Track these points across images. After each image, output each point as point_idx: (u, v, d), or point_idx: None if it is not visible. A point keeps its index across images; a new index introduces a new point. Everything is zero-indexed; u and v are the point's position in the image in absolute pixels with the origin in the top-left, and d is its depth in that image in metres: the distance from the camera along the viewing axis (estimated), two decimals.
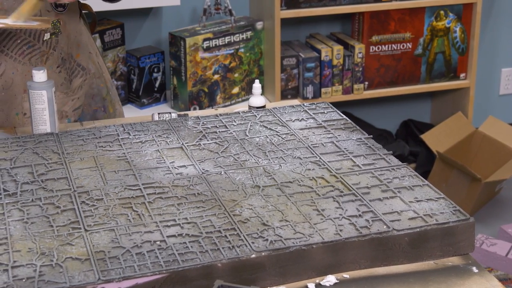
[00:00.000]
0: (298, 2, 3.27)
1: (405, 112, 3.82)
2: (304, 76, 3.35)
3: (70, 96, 1.85)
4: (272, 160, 1.50)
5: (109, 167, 1.47)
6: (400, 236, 1.24)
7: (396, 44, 3.47)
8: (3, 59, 1.75)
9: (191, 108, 3.19)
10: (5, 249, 1.20)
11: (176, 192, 1.37)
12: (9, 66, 1.76)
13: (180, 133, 1.62)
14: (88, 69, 1.90)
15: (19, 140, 1.59)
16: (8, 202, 1.34)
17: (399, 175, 1.43)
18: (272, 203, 1.33)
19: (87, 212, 1.31)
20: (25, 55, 1.76)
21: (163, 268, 1.15)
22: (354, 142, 1.57)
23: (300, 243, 1.21)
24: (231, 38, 3.24)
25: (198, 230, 1.25)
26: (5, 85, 1.77)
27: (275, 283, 1.20)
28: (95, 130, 1.63)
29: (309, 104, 1.76)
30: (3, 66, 1.76)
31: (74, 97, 1.86)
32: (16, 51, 1.75)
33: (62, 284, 1.11)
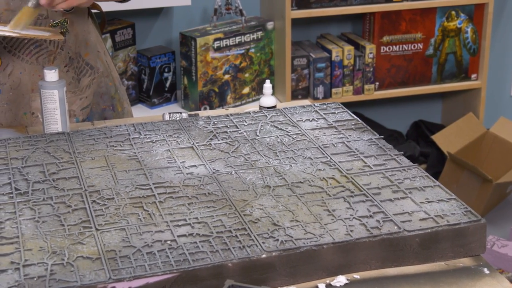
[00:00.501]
0: (309, 2, 3.26)
1: (416, 112, 3.82)
2: (314, 76, 3.35)
3: (78, 95, 1.85)
4: (283, 160, 1.49)
5: (120, 166, 1.47)
6: (411, 237, 1.24)
7: (407, 45, 3.46)
8: (11, 59, 1.76)
9: (202, 108, 3.19)
10: (17, 248, 1.20)
11: (186, 192, 1.37)
12: (16, 66, 1.76)
13: (191, 133, 1.62)
14: (97, 68, 1.90)
15: (30, 139, 1.59)
16: (19, 201, 1.34)
17: (410, 175, 1.43)
18: (283, 203, 1.33)
19: (98, 211, 1.31)
20: (32, 55, 1.77)
21: (173, 267, 1.15)
22: (365, 143, 1.57)
23: (311, 243, 1.21)
24: (242, 38, 3.24)
25: (209, 229, 1.25)
26: (13, 85, 1.78)
27: (285, 283, 1.20)
28: (106, 130, 1.63)
29: (319, 104, 1.76)
30: (11, 66, 1.76)
31: (82, 96, 1.86)
32: (24, 51, 1.76)
33: (73, 283, 1.12)
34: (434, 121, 3.84)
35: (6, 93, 1.78)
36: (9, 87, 1.78)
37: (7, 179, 1.42)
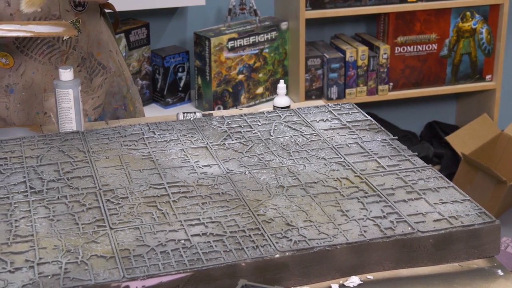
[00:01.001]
0: (323, 2, 3.26)
1: (430, 113, 3.80)
2: (328, 76, 3.35)
3: (90, 94, 1.86)
4: (297, 160, 1.49)
5: (134, 165, 1.48)
6: (425, 238, 1.24)
7: (422, 45, 3.45)
8: (23, 59, 1.76)
9: (215, 108, 3.20)
10: (31, 246, 1.21)
11: (200, 192, 1.37)
12: (29, 66, 1.77)
13: (205, 132, 1.62)
14: (109, 68, 1.91)
15: (45, 138, 1.60)
16: (34, 199, 1.35)
17: (424, 176, 1.43)
18: (296, 203, 1.33)
19: (112, 210, 1.31)
20: (45, 55, 1.77)
21: (187, 266, 1.15)
22: (378, 143, 1.57)
23: (324, 244, 1.21)
24: (256, 38, 3.24)
25: (222, 229, 1.25)
26: (25, 85, 1.78)
27: (298, 283, 1.20)
28: (120, 129, 1.64)
29: (333, 105, 1.75)
30: (23, 66, 1.77)
31: (94, 95, 1.86)
32: (36, 51, 1.76)
33: (87, 281, 1.12)
34: (448, 122, 3.82)
35: (18, 93, 1.79)
36: (21, 87, 1.78)
37: (22, 177, 1.43)
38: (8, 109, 1.80)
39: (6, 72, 1.77)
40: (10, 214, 1.30)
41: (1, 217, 1.29)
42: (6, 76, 1.77)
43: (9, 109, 1.80)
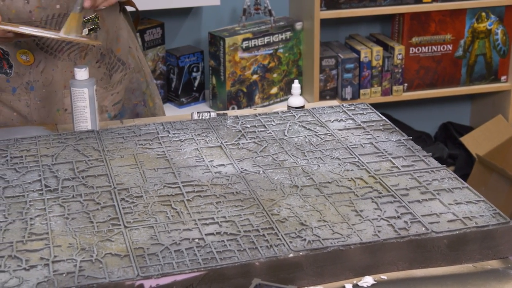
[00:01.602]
0: (338, 2, 3.26)
1: (445, 114, 3.79)
2: (343, 77, 3.35)
3: (109, 90, 1.86)
4: (311, 160, 1.50)
5: (149, 165, 1.48)
6: (439, 239, 1.23)
7: (437, 46, 3.44)
8: (43, 56, 1.77)
9: (230, 108, 3.20)
10: (46, 244, 1.21)
11: (214, 191, 1.38)
12: (49, 63, 1.78)
13: (219, 132, 1.63)
14: (128, 64, 1.92)
15: (60, 137, 1.61)
16: (49, 197, 1.36)
17: (439, 177, 1.42)
18: (310, 203, 1.33)
19: (126, 209, 1.32)
20: (64, 52, 1.78)
21: (201, 265, 1.16)
22: (393, 144, 1.56)
23: (338, 244, 1.21)
24: (270, 38, 3.24)
25: (236, 228, 1.25)
26: (45, 82, 1.79)
27: (312, 283, 1.20)
28: (135, 128, 1.64)
29: (348, 105, 1.75)
30: (43, 63, 1.78)
31: (113, 91, 1.87)
32: (56, 48, 1.77)
33: (101, 279, 1.12)
34: (463, 123, 3.81)
35: (39, 90, 1.80)
36: (41, 84, 1.79)
37: (37, 176, 1.44)
38: (28, 107, 1.81)
39: (26, 69, 1.78)
40: (25, 212, 1.31)
41: (16, 215, 1.30)
42: (27, 73, 1.78)
43: (30, 106, 1.81)
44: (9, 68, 1.78)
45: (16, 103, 1.81)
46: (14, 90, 1.80)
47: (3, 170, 1.46)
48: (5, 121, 1.83)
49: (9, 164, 1.49)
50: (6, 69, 1.79)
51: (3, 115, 1.82)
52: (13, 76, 1.79)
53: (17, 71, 1.78)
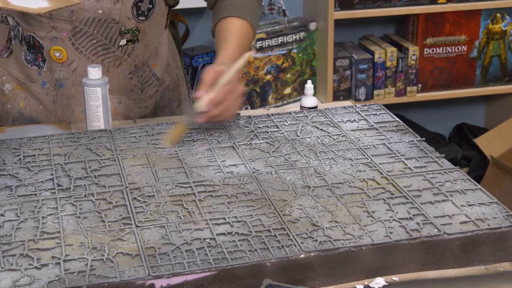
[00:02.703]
0: (352, 3, 3.25)
1: (459, 115, 3.78)
2: (356, 77, 3.34)
3: (138, 103, 1.86)
4: (323, 161, 1.49)
5: (161, 164, 1.48)
6: (451, 240, 1.23)
7: (451, 47, 3.43)
8: (77, 56, 1.78)
9: (243, 108, 3.20)
10: (58, 243, 1.21)
11: (226, 191, 1.38)
12: (81, 63, 1.78)
13: (232, 132, 1.62)
14: (163, 80, 1.91)
15: (73, 136, 1.61)
16: (61, 196, 1.36)
17: (451, 178, 1.42)
18: (322, 203, 1.33)
19: (138, 208, 1.32)
20: (98, 55, 1.78)
21: (212, 265, 1.15)
22: (406, 145, 1.56)
23: (350, 245, 1.20)
24: (284, 38, 3.24)
25: (248, 228, 1.25)
26: (75, 82, 1.80)
27: (323, 283, 1.20)
28: (147, 128, 1.65)
29: (361, 106, 1.75)
30: (76, 63, 1.78)
31: (142, 105, 1.87)
32: (91, 51, 1.78)
33: (112, 278, 1.13)
34: (477, 124, 3.80)
35: (67, 88, 1.80)
36: (71, 83, 1.80)
37: (50, 175, 1.44)
38: (54, 102, 1.82)
39: (58, 67, 1.79)
40: (37, 211, 1.31)
41: (28, 213, 1.31)
42: (57, 70, 1.79)
43: (56, 102, 1.82)
44: (43, 62, 1.79)
45: (44, 97, 1.82)
46: (44, 83, 1.81)
47: (16, 168, 1.47)
48: (31, 112, 1.84)
49: (22, 162, 1.49)
50: (40, 62, 1.80)
51: (30, 105, 1.84)
52: (45, 70, 1.80)
53: (49, 66, 1.79)
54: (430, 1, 3.31)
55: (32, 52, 1.80)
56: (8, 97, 1.86)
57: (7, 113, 1.86)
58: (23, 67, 1.82)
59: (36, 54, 1.79)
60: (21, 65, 1.83)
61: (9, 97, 1.86)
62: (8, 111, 1.86)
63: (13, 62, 1.84)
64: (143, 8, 1.76)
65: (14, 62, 1.84)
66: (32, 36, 1.78)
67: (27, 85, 1.83)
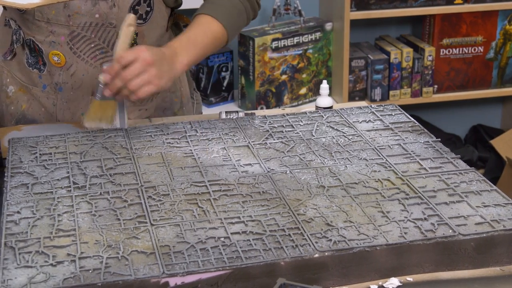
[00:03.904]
0: (368, 3, 3.25)
1: (475, 116, 3.76)
2: (372, 78, 3.33)
3: (137, 106, 1.85)
4: (338, 161, 1.49)
5: (176, 163, 1.49)
6: (466, 241, 1.23)
7: (468, 48, 3.42)
8: (75, 60, 1.78)
9: (258, 108, 3.20)
10: (73, 241, 1.22)
11: (241, 190, 1.38)
12: (80, 67, 1.79)
13: (247, 131, 1.63)
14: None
15: (89, 135, 1.62)
16: (77, 194, 1.37)
17: (467, 179, 1.41)
18: (337, 203, 1.33)
19: (153, 206, 1.32)
20: (97, 59, 1.78)
21: (226, 264, 1.16)
22: (421, 145, 1.55)
23: (364, 245, 1.20)
24: (300, 38, 3.24)
25: (262, 228, 1.25)
26: (74, 85, 1.80)
27: (337, 283, 1.20)
28: (163, 127, 1.65)
29: (376, 106, 1.75)
30: (74, 67, 1.79)
31: (142, 107, 1.86)
32: (89, 55, 1.78)
33: (127, 276, 1.13)
34: (494, 125, 3.78)
35: (67, 92, 1.81)
36: (70, 87, 1.81)
37: (66, 173, 1.45)
38: (55, 106, 1.83)
39: (57, 71, 1.79)
40: (53, 209, 1.32)
41: (44, 211, 1.31)
42: (57, 74, 1.80)
43: (56, 105, 1.83)
44: (43, 65, 1.80)
45: (44, 100, 1.83)
46: (44, 87, 1.82)
47: (32, 166, 1.48)
48: (33, 115, 1.85)
49: (38, 160, 1.50)
50: (41, 65, 1.81)
51: (32, 108, 1.85)
52: (45, 74, 1.81)
53: (49, 70, 1.80)
54: (446, 2, 3.30)
55: (34, 56, 1.81)
56: (12, 99, 1.87)
57: (11, 114, 1.87)
58: (25, 70, 1.83)
59: (37, 58, 1.80)
60: (23, 68, 1.84)
61: (12, 99, 1.87)
62: (12, 113, 1.87)
63: (16, 65, 1.85)
64: (141, 12, 1.76)
65: (17, 65, 1.85)
66: (32, 40, 1.79)
67: (29, 88, 1.84)
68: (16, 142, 1.58)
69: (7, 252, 1.19)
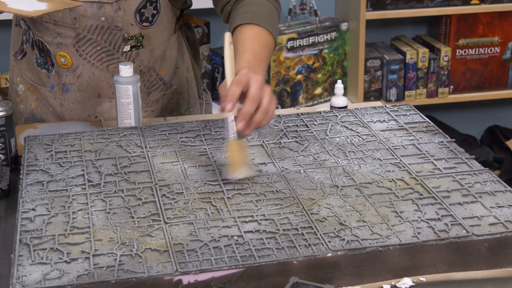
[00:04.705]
0: (384, 3, 3.24)
1: (491, 117, 3.75)
2: (388, 78, 3.33)
3: (143, 107, 1.85)
4: (352, 160, 1.49)
5: (190, 162, 1.49)
6: (480, 242, 1.22)
7: (484, 48, 3.40)
8: (81, 63, 1.79)
9: None
10: (87, 238, 1.23)
11: (255, 189, 1.38)
12: (86, 70, 1.80)
13: (261, 130, 1.63)
14: (170, 84, 1.90)
15: (104, 133, 1.63)
16: (91, 192, 1.38)
17: (481, 180, 1.41)
18: (350, 203, 1.33)
19: (167, 205, 1.33)
20: (103, 62, 1.79)
21: (239, 263, 1.16)
22: (436, 145, 1.55)
23: (377, 244, 1.20)
24: (315, 38, 3.24)
25: (275, 227, 1.26)
26: (80, 87, 1.81)
27: (350, 283, 1.20)
28: (177, 126, 1.66)
29: (391, 106, 1.74)
30: (80, 69, 1.79)
31: (148, 109, 1.87)
32: (95, 57, 1.78)
33: (140, 274, 1.14)
34: (510, 126, 3.76)
35: (73, 93, 1.82)
36: (76, 88, 1.82)
37: (81, 170, 1.46)
38: (62, 106, 1.84)
39: (64, 72, 1.81)
40: (68, 206, 1.33)
41: (59, 208, 1.32)
42: (64, 75, 1.81)
43: (63, 106, 1.84)
44: (51, 65, 1.81)
45: (52, 100, 1.84)
46: (52, 87, 1.83)
47: (47, 164, 1.49)
48: (42, 114, 1.86)
49: (53, 158, 1.51)
50: (49, 66, 1.82)
51: (40, 107, 1.86)
52: (53, 74, 1.82)
53: (57, 71, 1.81)
54: (463, 2, 3.29)
55: (43, 56, 1.82)
56: (21, 97, 1.89)
57: (20, 113, 1.89)
58: (34, 70, 1.85)
59: (46, 58, 1.82)
60: (32, 68, 1.85)
61: (22, 98, 1.88)
62: (21, 111, 1.89)
63: (26, 65, 1.87)
64: (146, 15, 1.76)
65: (26, 64, 1.86)
66: (40, 40, 1.80)
67: (38, 87, 1.86)
68: (31, 140, 1.59)
69: (22, 248, 1.20)
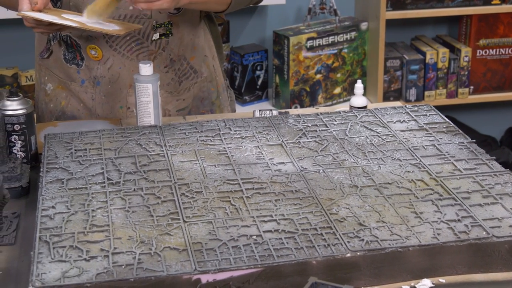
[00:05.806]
0: (404, 3, 3.23)
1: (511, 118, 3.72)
2: (407, 78, 3.31)
3: (175, 96, 1.87)
4: (371, 160, 1.49)
5: (210, 161, 1.49)
6: (500, 243, 1.21)
7: (504, 49, 3.38)
8: (111, 54, 1.80)
9: (292, 107, 3.20)
10: (107, 236, 1.23)
11: (274, 189, 1.38)
12: (116, 61, 1.81)
13: (280, 130, 1.63)
14: (201, 73, 1.91)
15: (124, 131, 1.63)
16: (111, 190, 1.38)
17: (502, 181, 1.40)
18: (370, 203, 1.32)
19: (186, 204, 1.33)
20: (133, 52, 1.80)
21: (258, 262, 1.16)
22: (456, 146, 1.54)
23: (396, 245, 1.20)
24: (335, 38, 3.23)
25: (294, 226, 1.25)
26: (112, 79, 1.82)
27: (369, 283, 1.19)
28: (197, 124, 1.66)
29: (411, 106, 1.74)
30: (111, 61, 1.80)
31: (179, 98, 1.88)
32: (125, 47, 1.80)
33: (159, 272, 1.14)
34: None
35: (104, 86, 1.83)
36: (108, 80, 1.82)
37: (100, 169, 1.46)
38: (93, 100, 1.84)
39: (95, 64, 1.81)
40: (87, 204, 1.33)
41: (79, 206, 1.33)
42: (95, 68, 1.82)
43: (95, 100, 1.84)
44: (81, 60, 1.82)
45: (83, 95, 1.85)
46: (82, 82, 1.84)
47: (67, 162, 1.49)
48: (73, 111, 1.87)
49: (73, 156, 1.52)
50: (78, 60, 1.83)
51: (71, 104, 1.87)
52: (83, 69, 1.83)
53: (87, 64, 1.82)
54: (483, 2, 3.27)
55: (71, 52, 1.83)
56: (51, 96, 1.89)
57: (50, 112, 1.90)
58: (62, 66, 1.85)
59: (74, 53, 1.82)
60: (60, 65, 1.86)
61: (51, 97, 1.89)
62: (51, 110, 1.89)
63: (53, 62, 1.87)
64: None
65: (54, 62, 1.87)
66: (69, 35, 1.81)
67: (67, 84, 1.86)
68: (51, 138, 1.60)
69: (42, 246, 1.21)
